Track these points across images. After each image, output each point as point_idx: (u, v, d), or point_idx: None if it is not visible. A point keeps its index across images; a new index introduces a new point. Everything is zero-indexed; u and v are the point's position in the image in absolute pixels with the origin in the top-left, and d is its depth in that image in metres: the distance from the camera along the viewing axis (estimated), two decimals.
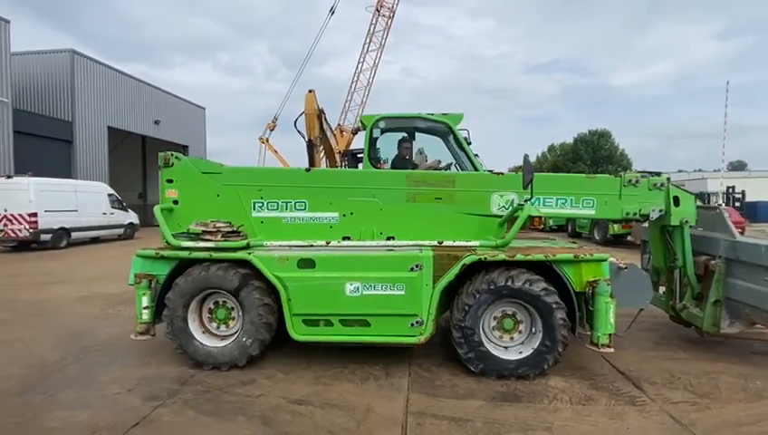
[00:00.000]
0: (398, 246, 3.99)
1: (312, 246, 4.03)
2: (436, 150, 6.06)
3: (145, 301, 3.89)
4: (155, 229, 4.05)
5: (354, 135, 19.15)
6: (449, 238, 4.03)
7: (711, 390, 3.55)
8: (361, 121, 6.14)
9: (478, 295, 3.68)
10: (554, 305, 3.61)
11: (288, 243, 4.09)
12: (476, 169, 5.31)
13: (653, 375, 3.82)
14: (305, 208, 4.22)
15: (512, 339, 3.82)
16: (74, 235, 14.94)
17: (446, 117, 5.63)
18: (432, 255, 3.73)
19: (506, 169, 4.51)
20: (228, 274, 3.84)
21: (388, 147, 6.15)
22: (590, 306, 3.65)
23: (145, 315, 3.90)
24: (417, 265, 3.70)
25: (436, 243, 3.96)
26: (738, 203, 22.71)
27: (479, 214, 4.23)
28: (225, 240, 3.89)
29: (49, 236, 13.88)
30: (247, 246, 3.96)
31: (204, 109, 32.31)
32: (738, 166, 64.88)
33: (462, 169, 5.50)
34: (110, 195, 16.89)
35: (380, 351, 4.24)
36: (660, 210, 4.15)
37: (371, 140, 5.74)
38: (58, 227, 14.21)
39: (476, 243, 3.96)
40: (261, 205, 4.24)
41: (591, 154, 43.55)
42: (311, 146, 9.95)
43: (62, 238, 14.45)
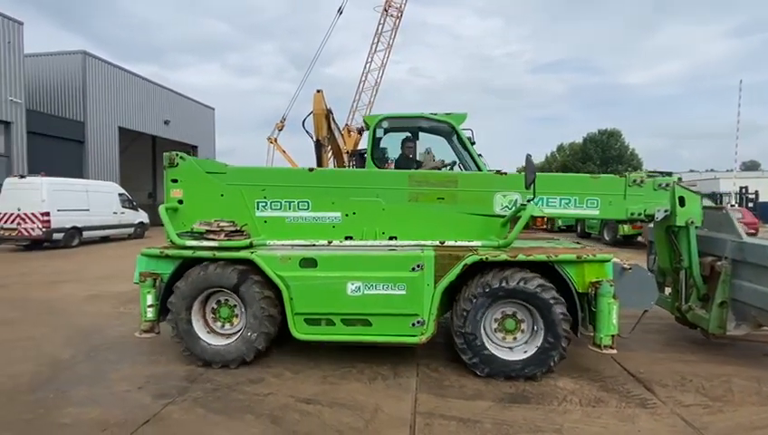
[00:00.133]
0: (400, 246, 3.99)
1: (314, 245, 4.05)
2: (439, 150, 6.05)
3: (149, 299, 3.94)
4: (164, 229, 4.09)
5: (361, 135, 19.12)
6: (452, 238, 4.03)
7: (723, 393, 3.50)
8: (365, 121, 6.13)
9: (475, 300, 3.68)
10: (552, 301, 3.59)
11: (290, 242, 4.12)
12: (480, 168, 5.29)
13: (664, 377, 3.79)
14: (308, 208, 4.24)
15: (515, 339, 3.80)
16: (86, 234, 15.13)
17: (450, 117, 5.61)
18: (433, 254, 3.73)
19: (514, 170, 4.47)
20: (226, 271, 3.88)
21: (394, 147, 6.15)
22: (593, 307, 3.62)
23: (149, 313, 3.95)
24: (418, 265, 3.70)
25: (437, 243, 3.95)
26: (751, 204, 22.36)
27: (482, 214, 4.21)
28: (228, 239, 3.93)
29: (61, 235, 14.07)
30: (250, 246, 3.99)
31: (213, 109, 32.51)
32: (751, 166, 63.78)
33: (466, 169, 5.48)
34: (120, 194, 17.07)
35: (388, 350, 4.24)
36: (666, 211, 4.11)
37: (374, 140, 5.75)
38: (70, 227, 14.41)
39: (478, 243, 3.95)
40: (264, 204, 4.27)
41: (601, 154, 43.16)
42: (319, 146, 9.97)
43: (73, 237, 14.65)
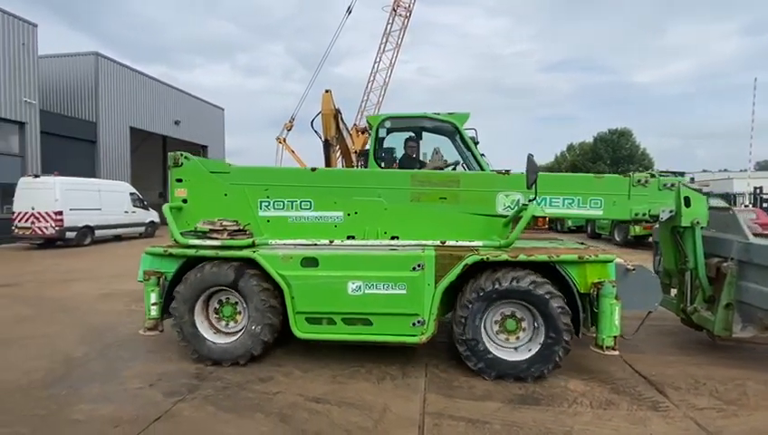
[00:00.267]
0: (401, 246, 4.00)
1: (316, 244, 4.07)
2: (443, 150, 6.05)
3: (153, 297, 4.00)
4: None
5: (369, 135, 19.13)
6: (454, 238, 4.03)
7: (738, 396, 3.45)
8: (368, 121, 6.14)
9: (470, 305, 3.68)
10: (547, 296, 3.57)
11: (292, 242, 4.15)
12: (482, 168, 5.28)
13: (676, 380, 3.74)
14: (310, 208, 4.27)
15: (518, 339, 3.79)
16: (98, 233, 15.37)
17: (453, 116, 5.62)
18: (434, 254, 3.73)
19: (523, 170, 4.45)
20: (223, 269, 3.93)
21: (401, 147, 6.15)
22: (595, 308, 3.60)
23: (153, 311, 4.01)
24: (419, 265, 3.71)
25: (438, 243, 3.95)
26: (766, 204, 21.99)
27: (484, 214, 4.21)
28: (231, 239, 3.97)
29: (74, 233, 14.31)
30: (252, 245, 4.03)
31: (223, 109, 32.72)
32: (766, 166, 62.56)
33: (469, 169, 5.46)
34: (131, 194, 17.30)
35: (397, 350, 4.25)
36: (671, 211, 4.07)
37: (377, 140, 5.76)
38: (82, 226, 14.64)
39: (480, 243, 3.95)
40: (267, 204, 4.31)
41: (612, 153, 42.68)
42: (327, 146, 9.99)
43: (86, 236, 14.88)
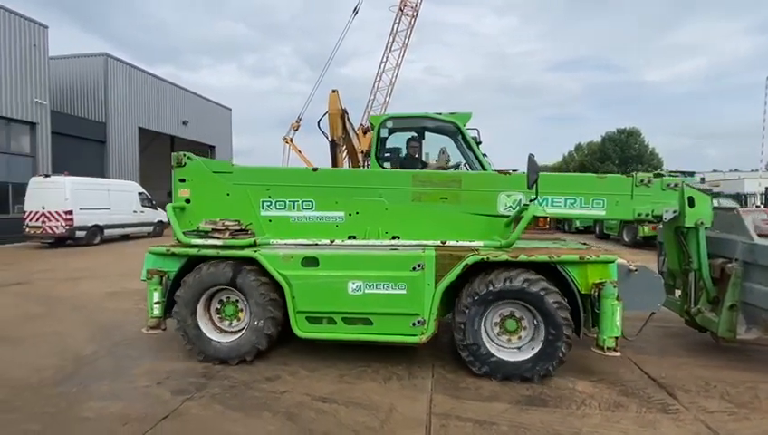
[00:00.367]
0: (401, 246, 4.01)
1: (317, 244, 4.09)
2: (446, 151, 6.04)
3: (156, 296, 4.04)
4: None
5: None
6: (455, 238, 4.03)
7: (750, 399, 3.41)
8: (370, 122, 6.15)
9: (467, 310, 3.68)
10: (542, 293, 3.56)
11: (293, 241, 4.18)
12: (484, 168, 5.27)
13: (686, 383, 3.70)
14: (312, 208, 4.29)
15: (520, 338, 3.78)
16: (107, 232, 15.53)
17: (455, 116, 5.62)
18: (434, 254, 3.73)
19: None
20: (220, 268, 3.97)
21: (404, 148, 6.15)
22: (596, 309, 3.59)
23: (156, 310, 4.05)
24: (419, 265, 3.71)
25: (439, 243, 3.95)
26: None
27: (486, 214, 4.21)
28: (232, 238, 4.00)
29: (83, 232, 14.48)
30: (254, 244, 4.05)
31: (230, 109, 32.90)
32: None
33: (471, 169, 5.46)
34: (140, 193, 17.45)
35: (403, 351, 4.25)
36: (674, 211, 4.04)
37: (379, 140, 5.77)
38: (92, 225, 14.81)
39: (480, 243, 3.94)
40: (269, 204, 4.33)
41: (620, 153, 42.31)
42: (334, 146, 10.01)
43: (95, 235, 15.04)
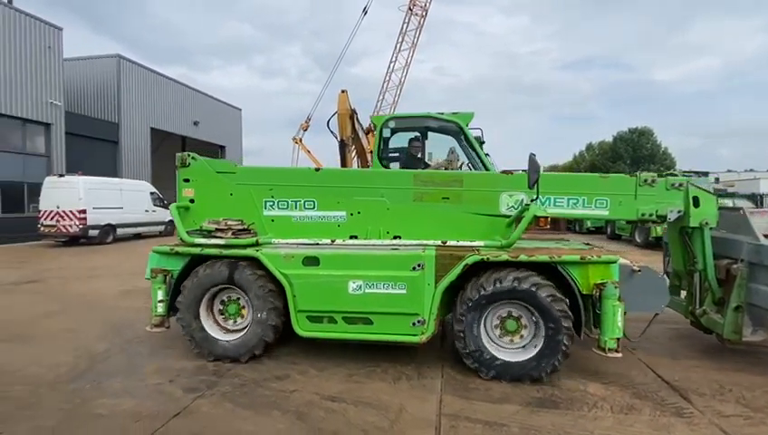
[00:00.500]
0: (402, 246, 3.97)
1: (318, 244, 4.08)
2: (446, 150, 6.04)
3: (160, 295, 4.06)
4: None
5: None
6: (456, 238, 3.98)
7: (766, 403, 3.32)
8: (372, 122, 6.17)
9: (464, 318, 3.64)
10: (534, 289, 3.51)
11: (295, 241, 4.17)
12: (487, 168, 5.24)
13: (701, 386, 3.61)
14: (314, 208, 4.28)
15: (522, 337, 3.73)
16: (119, 231, 15.70)
17: (457, 116, 5.59)
18: (434, 254, 3.70)
19: (541, 169, 4.42)
20: (216, 268, 3.98)
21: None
22: (598, 309, 3.53)
23: (160, 308, 4.07)
24: (419, 265, 3.69)
25: (439, 242, 3.91)
26: None
27: (487, 214, 4.17)
28: (235, 238, 4.00)
29: (96, 231, 14.64)
30: (256, 244, 4.05)
31: (240, 110, 33.11)
32: None
33: (474, 169, 5.44)
34: (152, 193, 17.62)
35: (412, 351, 4.23)
36: (679, 211, 3.96)
37: (381, 141, 5.77)
38: (105, 224, 14.98)
39: (481, 243, 3.90)
40: (272, 204, 4.34)
41: (632, 153, 41.86)
42: (343, 146, 9.99)
43: (108, 234, 15.21)
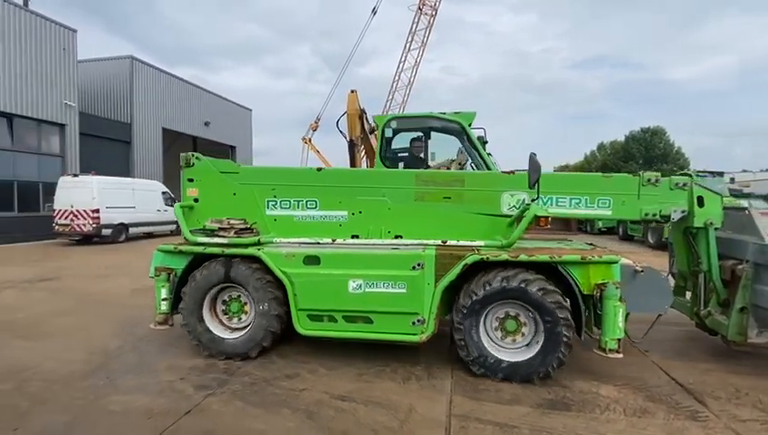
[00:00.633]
0: (402, 245, 3.98)
1: (319, 243, 4.10)
2: (448, 150, 6.03)
3: (164, 293, 4.12)
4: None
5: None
6: (457, 238, 3.97)
7: None
8: (374, 122, 6.19)
9: (462, 325, 3.63)
10: (523, 285, 3.49)
11: (296, 240, 4.19)
12: (489, 168, 5.23)
13: (716, 389, 3.55)
14: (316, 207, 4.31)
15: (523, 335, 3.71)
16: (132, 230, 15.88)
17: (459, 116, 5.60)
18: (434, 254, 3.70)
19: (551, 169, 4.41)
20: (212, 268, 4.03)
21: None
22: (599, 310, 3.50)
23: (163, 306, 4.13)
24: (418, 264, 3.69)
25: (439, 242, 3.91)
26: None
27: (489, 214, 4.16)
28: (237, 237, 4.04)
29: (109, 230, 14.84)
30: (258, 243, 4.08)
31: (250, 110, 33.32)
32: None
33: (477, 169, 5.42)
34: (163, 193, 17.80)
35: (422, 350, 4.22)
36: (683, 211, 3.90)
37: (384, 140, 5.78)
38: (118, 223, 15.17)
39: (481, 243, 3.88)
40: (274, 203, 4.37)
41: (644, 153, 41.28)
42: (352, 146, 10.01)
43: (121, 233, 15.40)
